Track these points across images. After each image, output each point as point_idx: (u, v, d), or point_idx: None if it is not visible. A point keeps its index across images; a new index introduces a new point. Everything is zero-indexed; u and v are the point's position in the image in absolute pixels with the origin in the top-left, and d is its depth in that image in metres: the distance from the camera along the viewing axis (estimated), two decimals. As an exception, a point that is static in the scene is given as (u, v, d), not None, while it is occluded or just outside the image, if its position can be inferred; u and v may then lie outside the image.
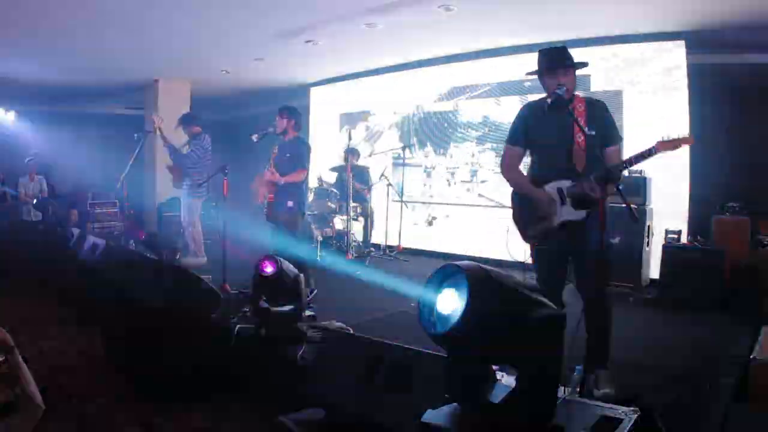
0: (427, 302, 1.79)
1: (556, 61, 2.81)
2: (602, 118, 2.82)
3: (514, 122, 2.96)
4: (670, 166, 5.12)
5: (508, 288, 1.70)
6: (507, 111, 6.79)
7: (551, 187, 2.80)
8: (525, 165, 3.08)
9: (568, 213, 2.76)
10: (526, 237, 2.95)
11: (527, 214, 2.90)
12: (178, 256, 6.44)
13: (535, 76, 2.91)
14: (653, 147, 2.55)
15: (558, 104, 2.73)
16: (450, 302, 1.74)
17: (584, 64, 2.89)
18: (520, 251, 3.03)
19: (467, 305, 1.61)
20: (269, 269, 3.46)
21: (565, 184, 2.76)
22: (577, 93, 2.90)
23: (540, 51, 2.90)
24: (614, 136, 2.83)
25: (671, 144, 2.54)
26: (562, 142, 2.76)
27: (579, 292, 2.87)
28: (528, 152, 2.98)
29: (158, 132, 6.22)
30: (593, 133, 2.73)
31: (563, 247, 2.84)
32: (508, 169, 2.97)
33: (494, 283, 1.67)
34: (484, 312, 1.62)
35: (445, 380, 1.86)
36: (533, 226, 2.87)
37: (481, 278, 1.66)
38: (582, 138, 2.71)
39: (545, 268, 2.90)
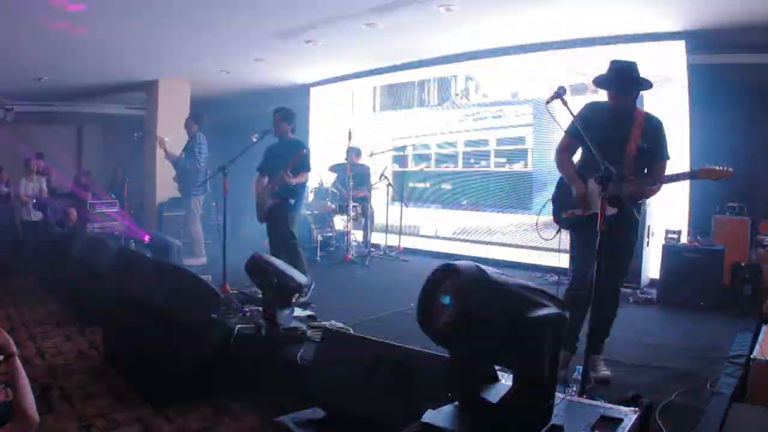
0: (425, 302, 1.79)
1: (614, 84, 2.98)
2: (656, 135, 2.99)
3: (576, 116, 3.04)
4: (671, 166, 5.11)
5: (506, 288, 1.69)
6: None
7: (593, 183, 2.94)
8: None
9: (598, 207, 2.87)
10: (557, 219, 3.17)
11: (564, 199, 3.11)
12: (179, 256, 6.45)
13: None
14: (696, 171, 2.77)
15: (618, 113, 2.96)
16: (448, 302, 1.74)
17: (648, 86, 3.03)
18: (549, 234, 3.23)
19: (462, 304, 1.61)
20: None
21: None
22: (638, 106, 3.09)
23: (611, 62, 3.06)
24: (663, 153, 3.01)
25: (713, 173, 2.72)
26: (615, 147, 2.87)
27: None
28: (581, 148, 3.13)
29: (163, 147, 6.31)
30: (645, 146, 2.92)
31: (595, 237, 2.93)
32: (560, 154, 3.16)
33: (491, 283, 1.67)
34: (479, 311, 1.61)
35: (446, 379, 1.86)
36: (565, 211, 3.10)
37: (476, 278, 1.65)
38: (634, 148, 2.90)
39: (578, 257, 3.07)
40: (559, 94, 2.72)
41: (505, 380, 2.11)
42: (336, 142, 8.07)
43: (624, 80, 2.97)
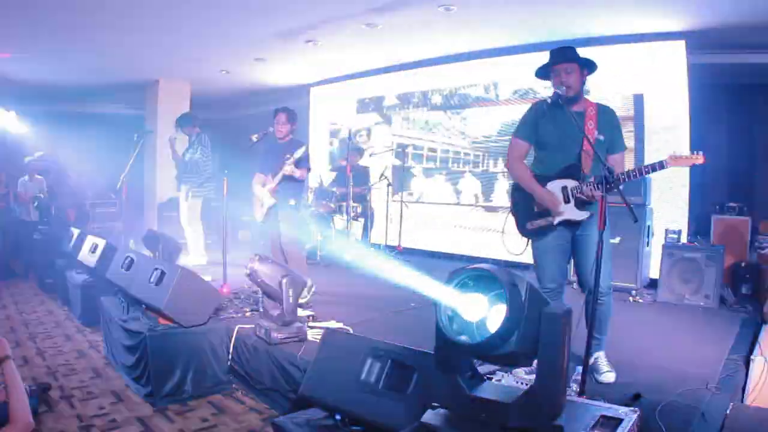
0: (447, 307, 1.75)
1: (554, 57, 2.85)
2: (611, 125, 2.87)
3: (523, 116, 2.95)
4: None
5: (533, 289, 1.70)
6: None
7: (554, 185, 2.82)
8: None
9: (571, 212, 2.78)
10: (523, 231, 2.97)
11: (526, 208, 2.93)
12: (178, 256, 6.44)
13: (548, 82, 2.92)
14: (664, 161, 2.60)
15: (559, 103, 2.70)
16: (478, 308, 1.71)
17: (589, 62, 2.88)
18: (519, 247, 3.03)
19: (510, 312, 1.59)
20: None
21: (571, 183, 2.78)
22: (587, 97, 2.93)
23: (550, 51, 2.91)
24: (620, 144, 2.89)
25: (683, 160, 2.59)
26: (571, 143, 2.77)
27: (581, 286, 2.92)
28: (533, 149, 2.98)
29: (172, 148, 6.30)
30: (602, 138, 2.79)
31: (564, 244, 2.87)
32: (513, 161, 2.97)
33: (525, 286, 1.67)
34: (521, 317, 1.61)
35: (437, 388, 1.84)
36: (531, 221, 2.90)
37: (515, 284, 1.65)
38: (591, 141, 2.73)
39: (547, 265, 2.91)
40: (558, 95, 2.71)
41: (506, 381, 2.10)
42: (336, 143, 8.07)
43: (553, 57, 2.83)
